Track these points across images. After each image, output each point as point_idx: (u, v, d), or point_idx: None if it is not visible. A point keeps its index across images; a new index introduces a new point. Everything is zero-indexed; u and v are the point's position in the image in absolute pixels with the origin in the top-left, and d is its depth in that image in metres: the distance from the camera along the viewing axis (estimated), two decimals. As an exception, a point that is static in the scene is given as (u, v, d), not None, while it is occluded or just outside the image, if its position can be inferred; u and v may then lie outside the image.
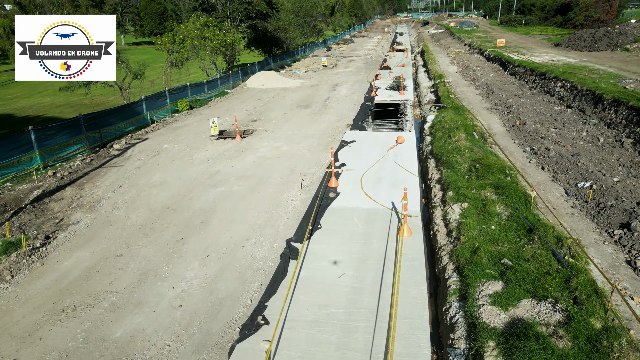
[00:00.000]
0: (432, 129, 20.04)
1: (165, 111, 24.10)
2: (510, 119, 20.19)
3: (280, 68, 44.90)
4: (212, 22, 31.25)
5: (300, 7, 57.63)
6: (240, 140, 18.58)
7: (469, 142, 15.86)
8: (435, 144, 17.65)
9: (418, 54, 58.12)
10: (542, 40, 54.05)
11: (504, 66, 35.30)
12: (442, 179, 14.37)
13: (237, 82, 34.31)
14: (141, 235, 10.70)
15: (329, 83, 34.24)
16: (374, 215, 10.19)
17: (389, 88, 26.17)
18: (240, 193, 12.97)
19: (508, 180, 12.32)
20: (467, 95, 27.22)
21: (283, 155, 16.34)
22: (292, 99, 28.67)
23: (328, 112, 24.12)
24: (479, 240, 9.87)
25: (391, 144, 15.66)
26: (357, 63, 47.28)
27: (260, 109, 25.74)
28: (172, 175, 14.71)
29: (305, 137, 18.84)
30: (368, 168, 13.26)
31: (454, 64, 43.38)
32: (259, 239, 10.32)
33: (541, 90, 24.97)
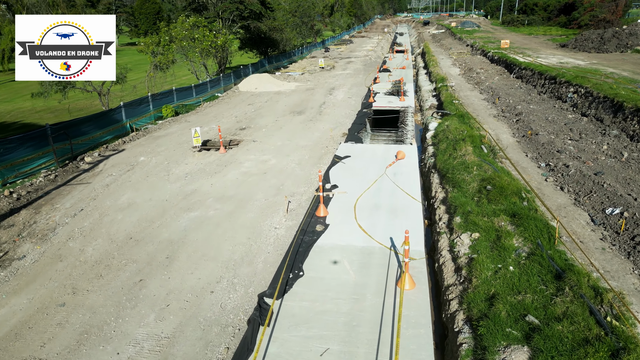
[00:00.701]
0: (435, 139, 18.37)
1: (148, 118, 22.43)
2: (520, 128, 18.51)
3: (275, 70, 43.24)
4: (202, 22, 29.58)
5: (297, 7, 55.96)
6: (225, 153, 16.90)
7: (477, 156, 14.19)
8: (438, 157, 15.98)
9: (419, 55, 56.45)
10: (546, 41, 52.38)
11: (509, 69, 33.62)
12: (447, 199, 12.70)
13: (229, 86, 32.64)
14: (93, 275, 9.02)
15: (325, 86, 32.58)
16: (369, 256, 8.49)
17: (389, 93, 24.49)
18: (217, 219, 11.30)
19: (525, 207, 10.65)
20: (472, 101, 25.55)
21: (270, 171, 14.66)
22: (285, 104, 27.00)
23: (323, 119, 22.45)
24: (495, 286, 8.20)
25: (390, 159, 13.97)
26: (356, 65, 45.62)
27: (250, 115, 24.07)
28: (143, 195, 13.03)
29: (297, 148, 17.17)
30: (363, 191, 11.54)
31: (456, 65, 41.72)
32: (232, 282, 8.65)
33: (551, 95, 23.29)
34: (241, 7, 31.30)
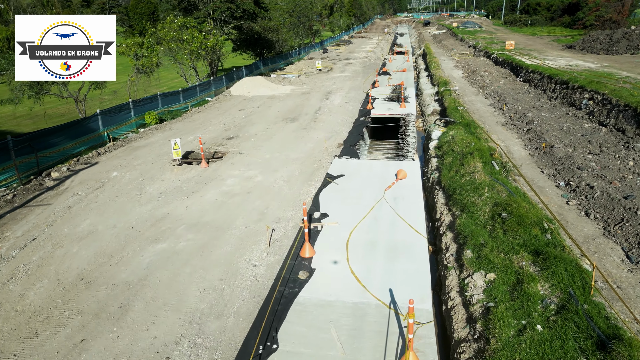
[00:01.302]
0: (439, 151, 16.75)
1: (129, 126, 20.80)
2: (533, 138, 16.88)
3: (271, 72, 41.63)
4: (191, 23, 27.95)
5: (294, 7, 54.35)
6: (207, 167, 15.27)
7: (488, 174, 12.56)
8: (443, 172, 14.36)
9: (419, 56, 54.84)
10: (551, 42, 50.76)
11: (515, 71, 32.00)
12: (455, 226, 11.09)
13: (221, 89, 31.02)
14: (26, 332, 7.40)
15: (322, 90, 30.96)
16: (363, 318, 6.79)
17: (388, 99, 22.83)
18: (186, 253, 9.67)
19: (549, 241, 9.03)
20: (477, 106, 23.92)
21: (255, 190, 13.03)
22: (278, 109, 25.38)
23: (317, 126, 20.83)
24: (521, 352, 6.59)
25: (389, 178, 12.34)
26: (355, 67, 44.00)
27: (240, 122, 22.44)
28: (107, 220, 11.41)
29: (286, 162, 15.55)
30: (358, 222, 9.87)
31: (458, 67, 40.11)
32: (195, 343, 7.03)
33: (564, 101, 21.66)
34: (233, 7, 29.68)
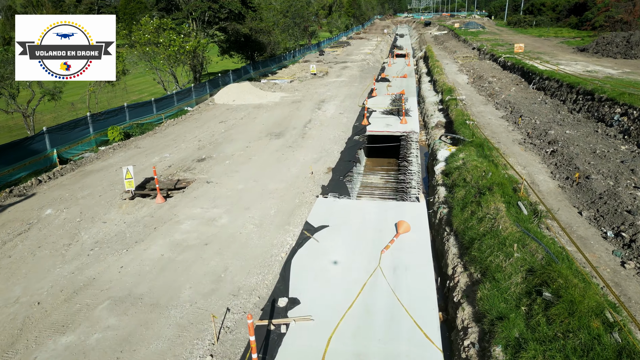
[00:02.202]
0: (448, 179, 13.92)
1: (88, 144, 17.99)
2: (560, 164, 14.06)
3: (262, 77, 38.83)
4: (168, 24, 25.13)
5: (289, 7, 51.53)
6: (163, 203, 12.43)
7: (513, 220, 9.73)
8: (455, 210, 11.52)
9: (421, 58, 52.03)
10: (560, 44, 47.92)
11: (527, 78, 29.17)
12: (476, 298, 8.27)
13: (203, 97, 28.20)
14: None
15: (314, 98, 28.14)
16: None
17: (387, 112, 19.97)
18: (99, 353, 6.84)
19: (619, 346, 6.21)
20: (488, 119, 21.10)
21: (214, 240, 10.19)
22: (264, 121, 22.56)
23: (305, 144, 18.02)
24: None
25: (387, 231, 9.47)
26: (352, 70, 41.18)
27: (218, 137, 19.63)
28: (12, 290, 8.57)
29: (262, 195, 12.73)
30: (341, 317, 6.94)
31: (463, 72, 37.30)
32: None
33: (589, 115, 18.83)
34: (215, 7, 26.86)
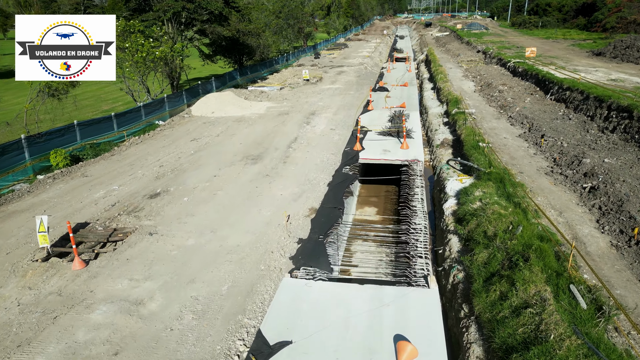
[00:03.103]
0: (462, 228, 10.81)
1: (22, 172, 14.87)
2: (606, 208, 10.93)
3: (251, 83, 35.71)
4: (136, 27, 22.03)
5: (282, 7, 48.38)
6: (82, 269, 9.28)
7: (567, 320, 6.60)
8: (476, 285, 8.40)
9: (422, 62, 48.93)
10: (572, 47, 44.78)
11: (542, 86, 26.03)
12: None
13: (179, 108, 25.09)
14: None
15: (304, 109, 25.03)
16: None
17: (384, 133, 16.76)
18: None
19: None
20: (503, 139, 17.98)
21: (130, 347, 6.99)
22: (243, 139, 19.45)
23: (286, 172, 14.91)
24: None
25: (382, 347, 6.26)
26: (348, 76, 38.06)
27: (183, 162, 16.51)
28: None
29: (217, 257, 9.59)
30: None
31: (468, 77, 34.19)
32: None
33: (627, 137, 15.67)
34: (190, 7, 23.69)
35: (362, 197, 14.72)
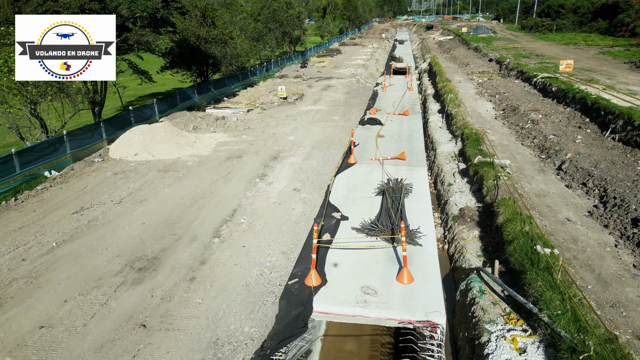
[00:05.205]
0: None
1: None
2: None
3: (213, 103, 28.74)
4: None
5: (260, 9, 41.38)
6: None
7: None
8: None
9: (425, 72, 41.91)
10: (602, 56, 37.80)
11: (591, 116, 19.05)
12: None
13: (94, 147, 18.12)
14: None
15: (265, 149, 18.03)
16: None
17: (368, 231, 9.22)
18: None
19: None
20: (564, 221, 10.98)
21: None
22: (150, 213, 12.42)
23: (187, 311, 7.86)
24: None
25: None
26: (335, 92, 31.10)
27: (14, 277, 9.50)
28: None
29: None
30: None
31: (484, 96, 27.26)
32: None
33: None
34: (95, 6, 16.60)
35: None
